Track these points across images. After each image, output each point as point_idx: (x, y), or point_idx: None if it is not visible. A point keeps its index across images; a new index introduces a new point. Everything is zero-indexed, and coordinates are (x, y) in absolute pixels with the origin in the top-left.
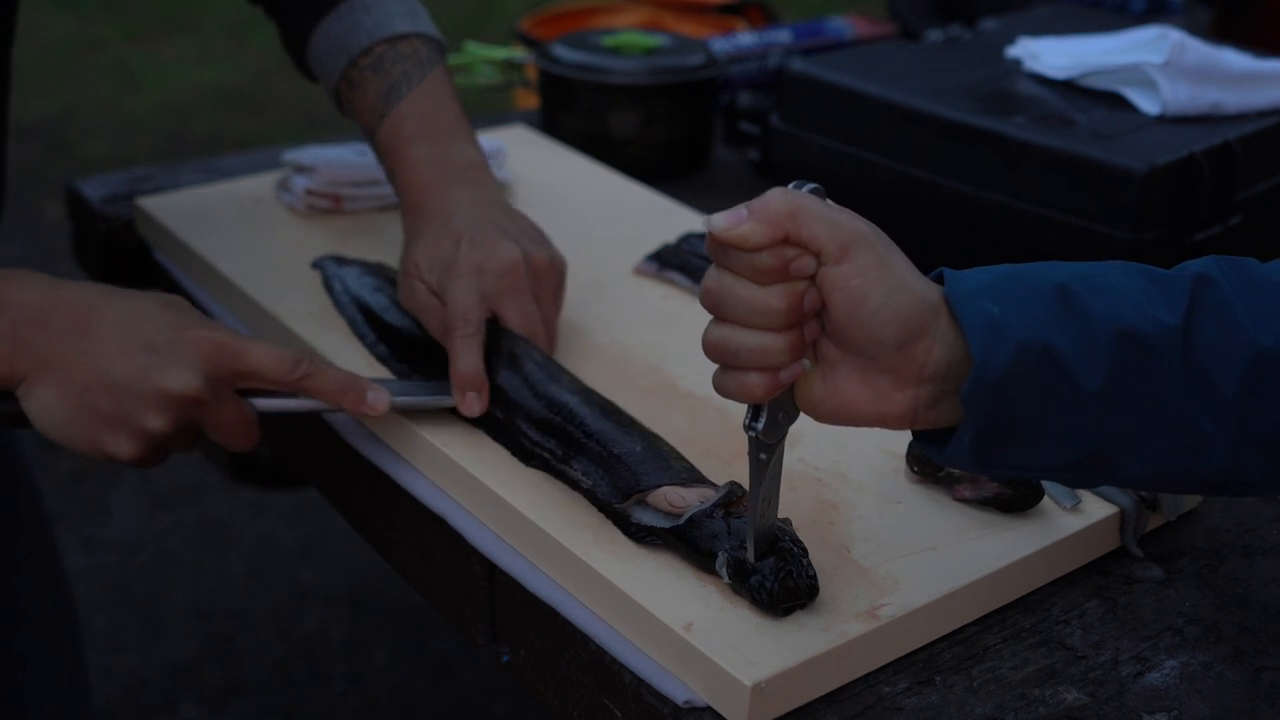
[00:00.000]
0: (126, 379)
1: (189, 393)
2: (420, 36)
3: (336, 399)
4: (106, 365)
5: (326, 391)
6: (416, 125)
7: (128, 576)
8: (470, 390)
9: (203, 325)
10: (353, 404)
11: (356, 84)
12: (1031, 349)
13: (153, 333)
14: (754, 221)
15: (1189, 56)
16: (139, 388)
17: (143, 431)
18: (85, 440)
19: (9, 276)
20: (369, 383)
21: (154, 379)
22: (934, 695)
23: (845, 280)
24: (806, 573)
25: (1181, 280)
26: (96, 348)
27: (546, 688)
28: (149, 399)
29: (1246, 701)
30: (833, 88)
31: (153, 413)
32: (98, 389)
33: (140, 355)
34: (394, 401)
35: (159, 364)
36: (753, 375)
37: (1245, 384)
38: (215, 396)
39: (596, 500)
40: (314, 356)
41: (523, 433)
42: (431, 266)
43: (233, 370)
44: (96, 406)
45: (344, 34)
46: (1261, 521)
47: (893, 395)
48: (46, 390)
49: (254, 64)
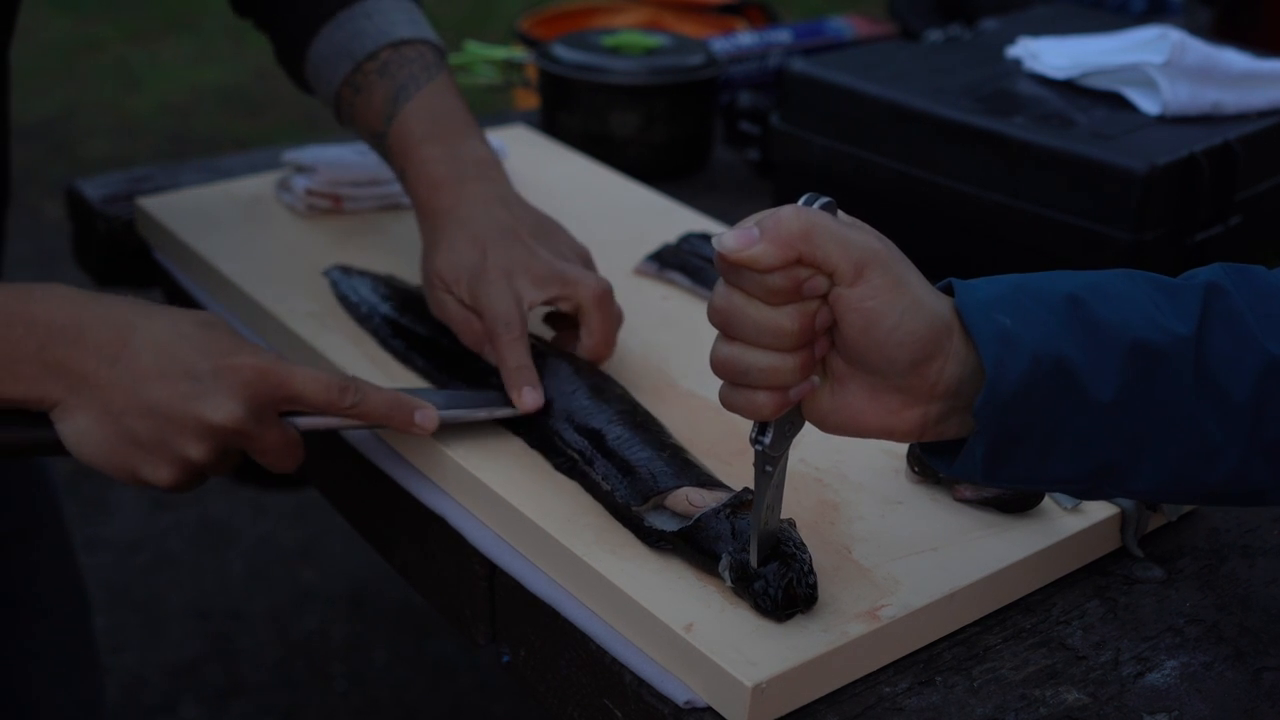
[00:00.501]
0: (166, 406)
1: (231, 424)
2: (424, 42)
3: (385, 421)
4: (145, 391)
5: (375, 415)
6: (427, 125)
7: (128, 576)
8: (525, 385)
9: (245, 351)
10: (402, 424)
11: (362, 88)
12: (1045, 361)
13: (194, 358)
14: (766, 243)
15: (1189, 56)
16: (180, 416)
17: (182, 459)
18: (121, 467)
19: (37, 292)
20: (416, 401)
21: (195, 408)
22: (935, 695)
23: (860, 302)
24: (808, 580)
25: (1192, 290)
26: (134, 371)
27: (546, 688)
28: (190, 428)
29: (1247, 702)
30: (833, 88)
31: (193, 442)
32: (136, 415)
33: (182, 382)
34: (441, 416)
35: (201, 392)
36: (762, 394)
37: (1257, 393)
38: (259, 424)
39: (614, 505)
40: (358, 381)
41: (557, 433)
42: (458, 278)
43: (277, 398)
44: (135, 433)
45: (346, 40)
46: (1262, 522)
47: (902, 412)
48: (82, 415)
49: (254, 64)
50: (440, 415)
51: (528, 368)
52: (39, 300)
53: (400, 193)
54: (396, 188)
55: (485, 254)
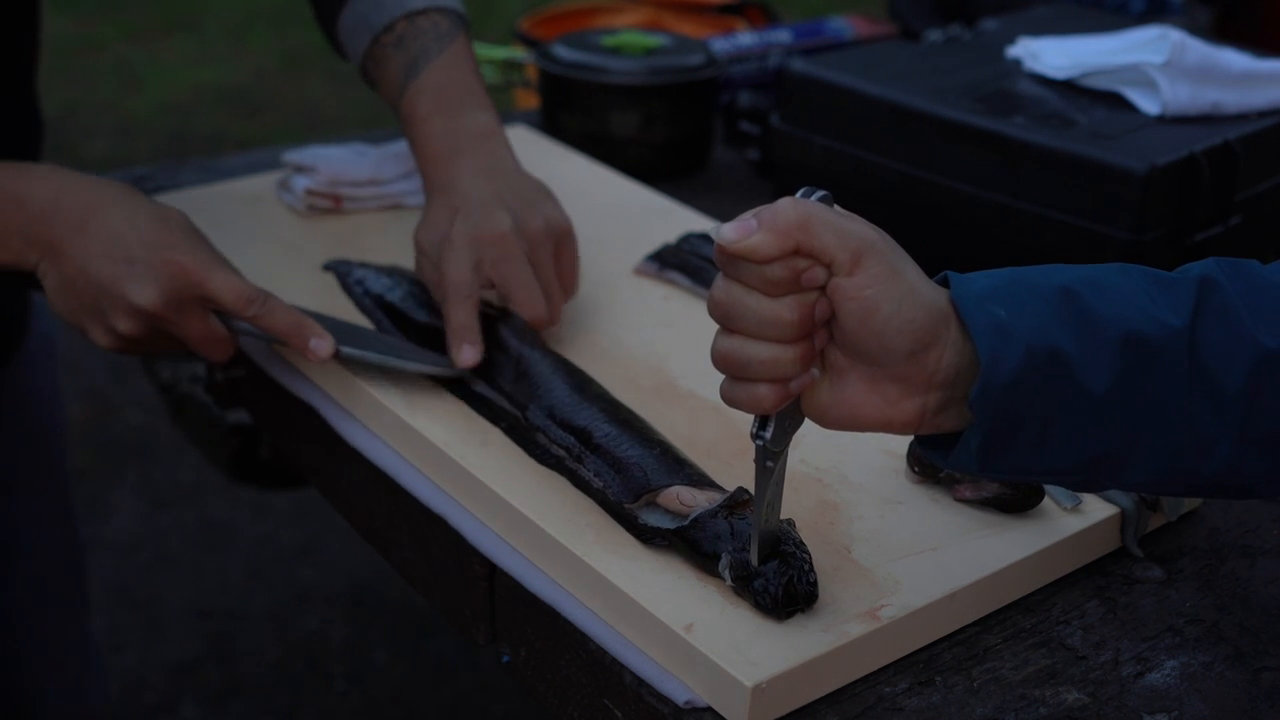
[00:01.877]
0: (101, 282)
1: (150, 308)
2: (440, 10)
3: (285, 339)
4: (89, 266)
5: (277, 330)
6: (432, 99)
7: (128, 576)
8: (465, 342)
9: (178, 248)
10: (298, 345)
11: (380, 61)
12: (1039, 352)
13: (135, 246)
14: (764, 233)
15: (1189, 56)
16: (110, 293)
17: (114, 330)
18: (76, 325)
19: (27, 172)
20: (316, 329)
21: (122, 289)
22: (935, 695)
23: (857, 291)
24: (808, 578)
25: (1185, 283)
26: (87, 247)
27: (546, 688)
28: (118, 305)
29: (1247, 702)
30: (833, 88)
31: (121, 317)
32: (81, 284)
33: (119, 264)
34: (341, 351)
35: (129, 275)
36: (763, 387)
37: (1249, 385)
38: (178, 313)
39: (606, 502)
40: (269, 296)
41: (542, 430)
42: (431, 242)
43: (193, 295)
44: (82, 299)
45: (367, 12)
46: (1262, 522)
47: (900, 403)
48: (52, 277)
49: (254, 64)
50: (342, 351)
51: (469, 327)
52: (31, 178)
53: (400, 193)
54: (396, 188)
55: (454, 221)
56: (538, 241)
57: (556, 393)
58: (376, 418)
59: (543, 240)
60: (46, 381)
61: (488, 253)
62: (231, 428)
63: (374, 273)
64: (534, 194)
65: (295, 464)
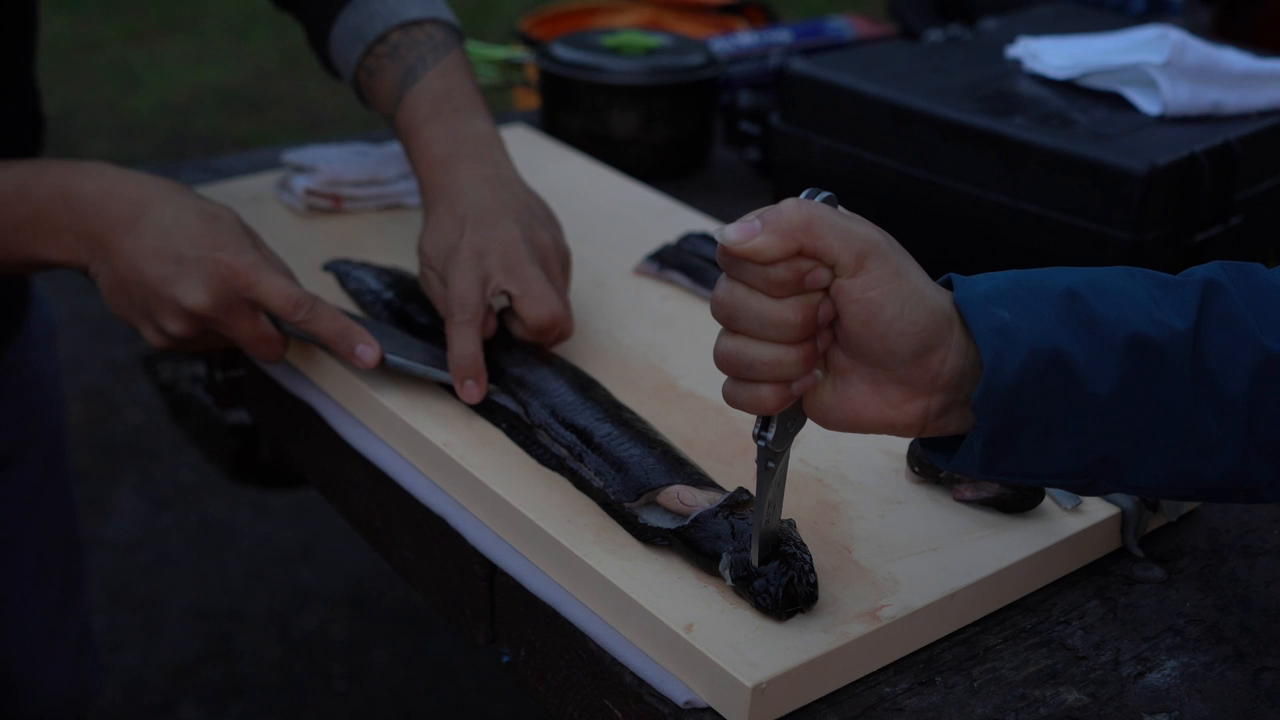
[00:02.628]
0: (151, 283)
1: (199, 309)
2: (435, 22)
3: (330, 345)
4: (140, 265)
5: (322, 336)
6: (430, 106)
7: (128, 576)
8: (468, 378)
9: (227, 249)
10: (343, 353)
11: (374, 71)
12: (1042, 354)
13: (185, 246)
14: (768, 234)
15: (1189, 56)
16: (160, 293)
17: (163, 329)
18: (126, 320)
19: (77, 169)
20: (363, 336)
21: (172, 290)
22: (935, 696)
23: (861, 292)
24: (808, 579)
25: (1190, 286)
26: (137, 245)
27: (546, 688)
28: (167, 305)
29: (1247, 702)
30: (833, 88)
31: (170, 317)
32: (133, 284)
33: (168, 264)
34: (387, 360)
35: (180, 276)
36: (765, 388)
37: (1253, 388)
38: (227, 315)
39: (607, 502)
40: (317, 301)
41: (543, 428)
42: (438, 253)
43: (243, 297)
44: (132, 298)
45: (360, 24)
46: (1262, 522)
47: (903, 405)
48: (104, 275)
49: (254, 64)
50: (388, 359)
51: (473, 356)
52: (81, 176)
53: (401, 193)
54: (396, 188)
55: (463, 233)
56: (547, 253)
57: (559, 392)
58: (376, 418)
59: (551, 254)
60: (46, 364)
61: (497, 263)
62: (231, 428)
63: (374, 273)
64: (539, 209)
65: (295, 464)
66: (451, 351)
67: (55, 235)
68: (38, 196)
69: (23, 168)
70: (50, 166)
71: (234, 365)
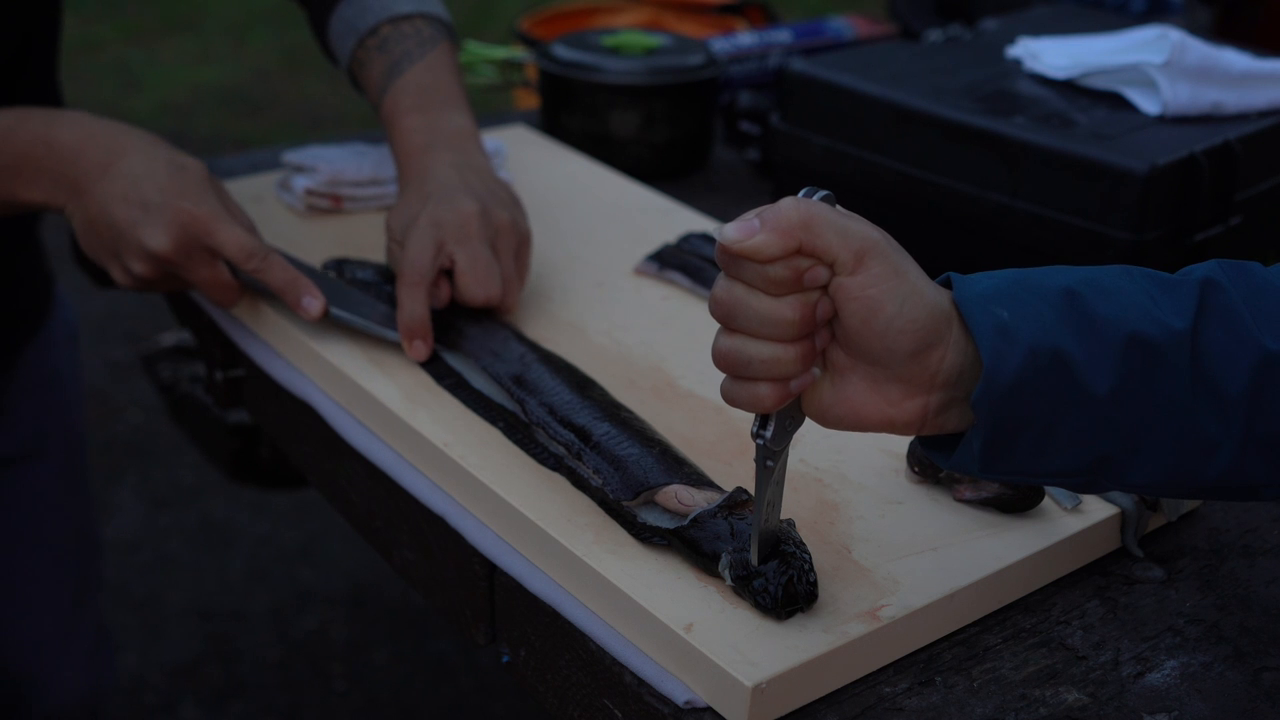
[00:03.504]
0: (119, 225)
1: (160, 252)
2: (424, 16)
3: (280, 294)
4: (109, 208)
5: (273, 285)
6: (413, 98)
7: (128, 576)
8: (415, 338)
9: (191, 197)
10: (290, 303)
11: (365, 63)
12: (1042, 354)
13: (152, 193)
14: (767, 233)
15: (1189, 56)
16: (126, 236)
17: (129, 269)
18: (97, 260)
19: (57, 117)
20: (311, 289)
21: (137, 233)
22: (935, 696)
23: (860, 290)
24: (808, 578)
25: (1188, 285)
26: (109, 190)
27: (546, 688)
28: (133, 247)
29: (1247, 702)
30: (833, 88)
31: (135, 258)
32: (101, 225)
33: (135, 209)
34: (332, 313)
35: (144, 221)
36: (763, 386)
37: (1252, 387)
38: (188, 259)
39: (605, 501)
40: (271, 253)
41: (542, 426)
42: (401, 225)
43: (202, 244)
44: (101, 238)
45: (353, 17)
46: (1262, 522)
47: (902, 403)
48: (78, 216)
49: (254, 64)
50: (332, 312)
51: (420, 317)
52: (60, 124)
53: None
54: (396, 188)
55: (425, 206)
56: (503, 231)
57: (557, 391)
58: (376, 418)
59: (507, 233)
60: (67, 364)
61: (451, 234)
62: (231, 428)
63: (372, 271)
64: (505, 194)
65: (295, 464)
66: (400, 312)
67: (35, 178)
68: (20, 142)
69: (6, 116)
70: (32, 115)
71: (234, 365)
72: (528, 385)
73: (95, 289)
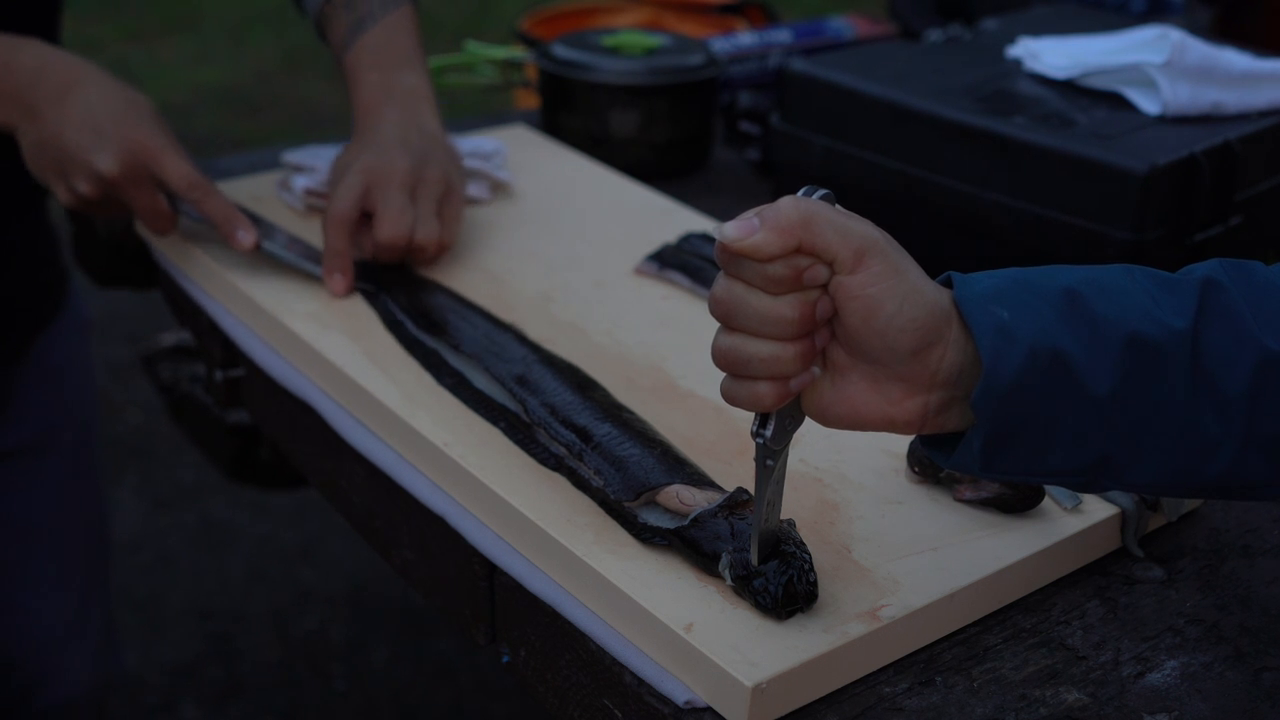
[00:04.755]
0: (70, 147)
1: (107, 175)
2: None
3: (216, 225)
4: (62, 131)
5: (211, 216)
6: (371, 56)
7: (128, 576)
8: (335, 271)
9: (143, 128)
10: (225, 235)
11: (330, 18)
12: (1042, 353)
13: (105, 120)
14: (766, 231)
15: (1190, 56)
16: (76, 157)
17: (75, 190)
18: (44, 179)
19: (18, 45)
20: (245, 223)
21: (87, 155)
22: (935, 696)
23: (860, 289)
24: (808, 578)
25: (1188, 284)
26: (63, 115)
27: (546, 688)
28: (81, 168)
29: (1247, 702)
30: (833, 88)
31: (82, 179)
32: (54, 147)
33: (86, 133)
34: (263, 246)
35: (96, 145)
36: (763, 384)
37: (1252, 386)
38: (132, 185)
39: (606, 501)
40: (210, 185)
41: (543, 426)
42: (337, 173)
43: (147, 171)
44: (49, 157)
45: None
46: (1262, 522)
47: (903, 402)
48: (29, 136)
49: (254, 64)
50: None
51: (341, 253)
52: (19, 50)
53: None
54: None
55: (360, 156)
56: (428, 183)
57: (558, 391)
58: (376, 417)
59: (433, 184)
60: (79, 356)
61: (376, 180)
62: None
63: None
64: (442, 153)
65: (295, 464)
66: (325, 247)
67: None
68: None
69: None
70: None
71: (234, 365)
72: (530, 385)
73: (95, 289)
